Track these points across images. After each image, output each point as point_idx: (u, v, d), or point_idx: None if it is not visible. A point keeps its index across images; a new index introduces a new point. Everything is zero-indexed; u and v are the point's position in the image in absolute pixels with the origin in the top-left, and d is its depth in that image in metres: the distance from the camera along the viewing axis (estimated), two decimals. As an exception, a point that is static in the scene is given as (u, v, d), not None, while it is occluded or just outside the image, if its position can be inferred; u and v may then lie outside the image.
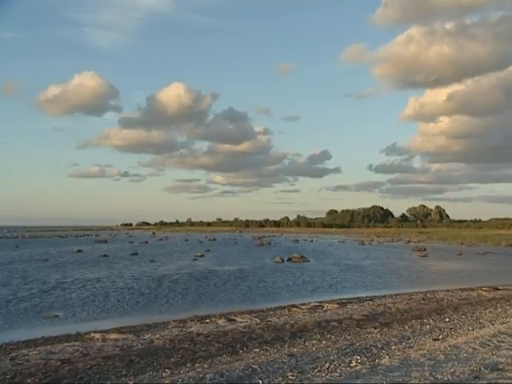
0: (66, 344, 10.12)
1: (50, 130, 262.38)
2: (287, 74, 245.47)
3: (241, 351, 9.50)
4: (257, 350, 9.49)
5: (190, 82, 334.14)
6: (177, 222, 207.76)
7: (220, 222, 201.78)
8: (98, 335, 11.05)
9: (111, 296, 18.01)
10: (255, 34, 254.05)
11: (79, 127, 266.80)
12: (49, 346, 9.95)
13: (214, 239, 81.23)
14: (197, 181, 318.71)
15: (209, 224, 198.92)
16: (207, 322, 12.80)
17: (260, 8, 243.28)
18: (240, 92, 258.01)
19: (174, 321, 13.01)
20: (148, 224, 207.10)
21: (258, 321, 12.84)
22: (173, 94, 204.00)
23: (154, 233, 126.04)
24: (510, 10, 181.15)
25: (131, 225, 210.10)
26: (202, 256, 39.76)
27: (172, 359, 8.88)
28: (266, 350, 9.51)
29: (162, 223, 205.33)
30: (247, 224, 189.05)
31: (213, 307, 16.06)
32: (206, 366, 8.15)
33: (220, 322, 12.86)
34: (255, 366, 7.74)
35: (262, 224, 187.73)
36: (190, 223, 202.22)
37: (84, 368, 8.29)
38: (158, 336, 10.91)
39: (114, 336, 10.95)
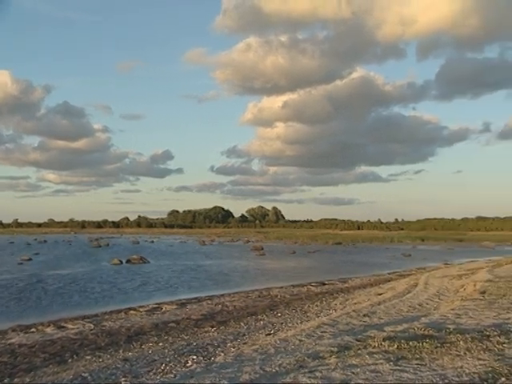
0: None
1: None
2: (130, 71, 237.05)
3: (70, 360, 8.87)
4: (89, 357, 8.96)
5: (18, 72, 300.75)
6: (0, 223, 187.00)
7: (52, 223, 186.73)
8: None
9: None
10: (98, 29, 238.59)
11: None
12: None
13: (45, 241, 74.95)
14: (25, 178, 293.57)
15: (39, 225, 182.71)
16: (33, 332, 11.71)
17: (104, 2, 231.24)
18: (78, 87, 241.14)
19: (-8, 332, 11.63)
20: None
21: (92, 326, 12.17)
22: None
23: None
24: (332, 30, 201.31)
25: None
26: (30, 259, 36.34)
27: (-13, 376, 7.91)
28: (99, 356, 9.04)
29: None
30: (83, 225, 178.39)
31: (41, 315, 14.71)
32: (28, 380, 7.43)
33: (48, 330, 11.89)
34: (85, 374, 7.29)
35: (100, 225, 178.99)
36: (17, 224, 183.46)
37: None
38: (-30, 351, 9.63)
39: None
